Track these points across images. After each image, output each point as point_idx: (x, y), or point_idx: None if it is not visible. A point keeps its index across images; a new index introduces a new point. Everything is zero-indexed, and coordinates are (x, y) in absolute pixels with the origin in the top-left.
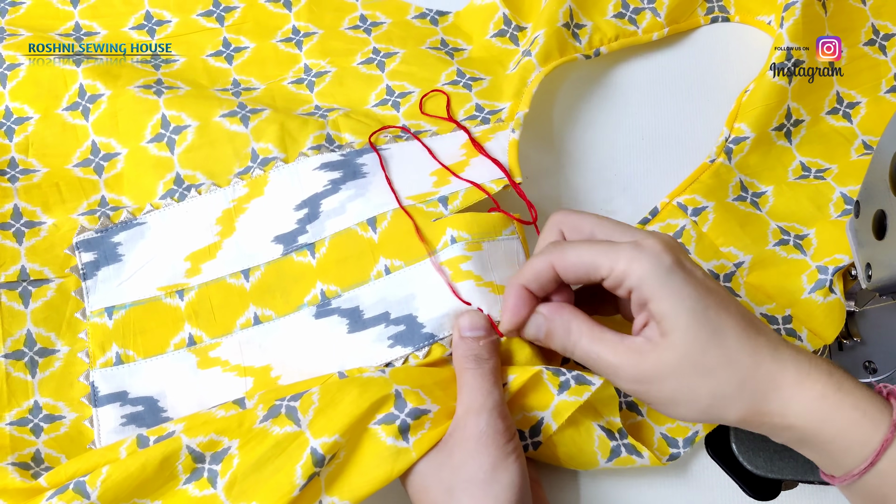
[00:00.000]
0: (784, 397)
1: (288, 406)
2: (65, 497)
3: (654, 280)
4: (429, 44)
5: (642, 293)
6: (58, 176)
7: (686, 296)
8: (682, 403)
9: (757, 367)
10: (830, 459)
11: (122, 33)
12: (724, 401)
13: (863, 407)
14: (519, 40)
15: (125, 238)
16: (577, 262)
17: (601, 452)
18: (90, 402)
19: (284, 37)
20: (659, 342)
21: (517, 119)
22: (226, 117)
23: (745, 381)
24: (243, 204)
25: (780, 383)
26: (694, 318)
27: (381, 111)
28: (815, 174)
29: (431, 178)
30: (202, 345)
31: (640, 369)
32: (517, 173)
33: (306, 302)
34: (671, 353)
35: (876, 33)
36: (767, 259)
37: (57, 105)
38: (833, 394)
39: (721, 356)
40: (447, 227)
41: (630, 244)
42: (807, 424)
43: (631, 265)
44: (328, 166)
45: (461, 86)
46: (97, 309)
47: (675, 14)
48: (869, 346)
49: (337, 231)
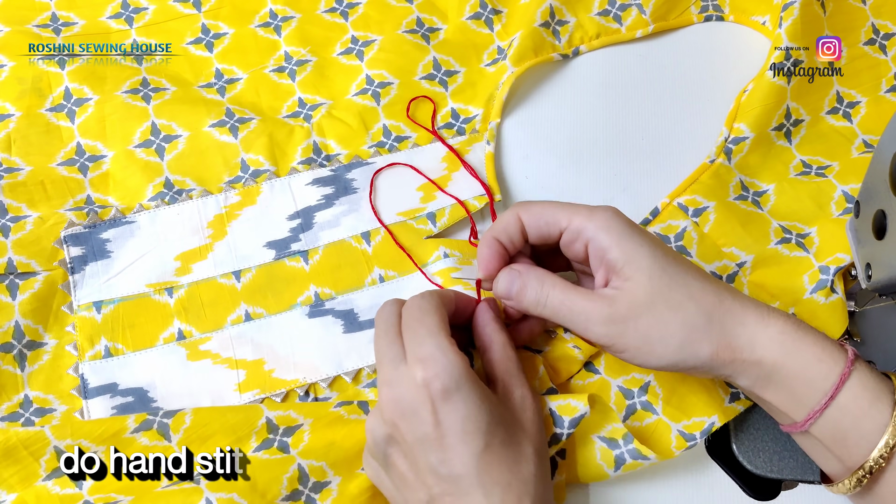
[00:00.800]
0: (749, 332)
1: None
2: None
3: (611, 230)
4: (405, 26)
5: (600, 243)
6: (42, 174)
7: (643, 243)
8: (657, 341)
9: (721, 303)
10: (794, 398)
11: (100, 23)
12: (696, 333)
13: (822, 344)
14: (494, 24)
15: (114, 235)
16: (540, 214)
17: (605, 464)
18: (80, 393)
19: (262, 21)
20: (625, 286)
21: (490, 130)
22: (215, 127)
23: (712, 314)
24: (235, 210)
25: (743, 319)
26: (654, 261)
27: (361, 101)
28: (817, 171)
29: (418, 193)
30: (192, 339)
31: (612, 311)
32: (496, 188)
33: (299, 302)
34: (640, 291)
35: (876, 32)
36: (770, 258)
37: (40, 105)
38: (794, 331)
39: (686, 294)
40: (440, 245)
41: (587, 206)
42: (773, 358)
43: (589, 218)
44: (320, 182)
45: (437, 82)
46: (85, 303)
47: (661, 11)
48: (869, 346)
49: (331, 241)
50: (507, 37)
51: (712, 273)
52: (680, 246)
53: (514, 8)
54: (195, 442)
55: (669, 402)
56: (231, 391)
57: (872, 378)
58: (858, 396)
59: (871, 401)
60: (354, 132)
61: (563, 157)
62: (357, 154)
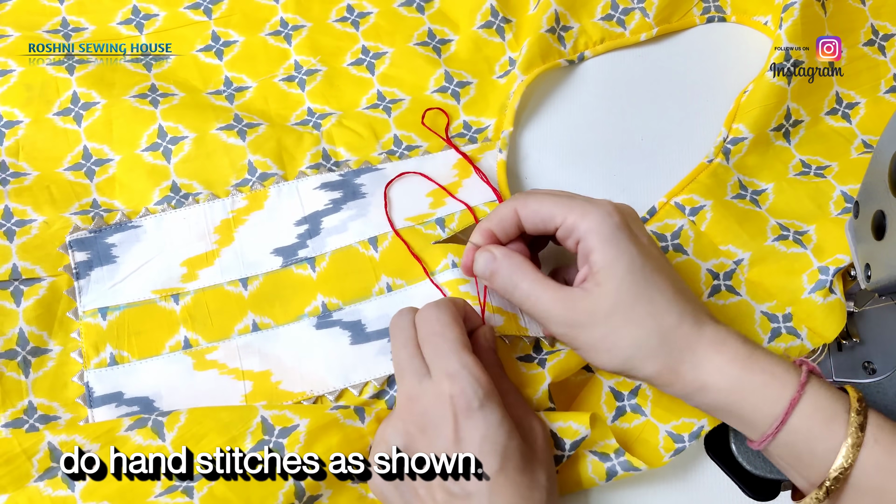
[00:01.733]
0: (697, 358)
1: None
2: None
3: (600, 233)
4: (416, 38)
5: (587, 244)
6: (49, 179)
7: (625, 251)
8: (604, 350)
9: (679, 325)
10: (746, 423)
11: (110, 29)
12: (644, 352)
13: (771, 370)
14: (505, 33)
15: (119, 240)
16: (537, 210)
17: (597, 476)
18: (85, 403)
19: (273, 30)
20: (593, 291)
21: (503, 139)
22: (222, 130)
23: (666, 336)
24: (242, 216)
25: (695, 346)
26: (629, 272)
27: (372, 113)
28: (816, 171)
29: (427, 198)
30: (198, 348)
31: (571, 314)
32: (507, 195)
33: (307, 313)
34: (603, 302)
35: (875, 34)
36: (767, 255)
37: (48, 110)
38: (744, 358)
39: (648, 312)
40: (448, 252)
41: (585, 199)
42: (718, 385)
43: (582, 218)
44: (328, 186)
45: (449, 94)
46: (90, 309)
47: (664, 14)
48: (868, 346)
49: (338, 248)
50: (518, 47)
51: (709, 271)
52: (677, 244)
53: (524, 18)
54: (189, 441)
55: (659, 403)
56: (238, 402)
57: (827, 398)
58: (811, 418)
59: (825, 422)
60: (365, 140)
61: (563, 157)
62: (367, 160)
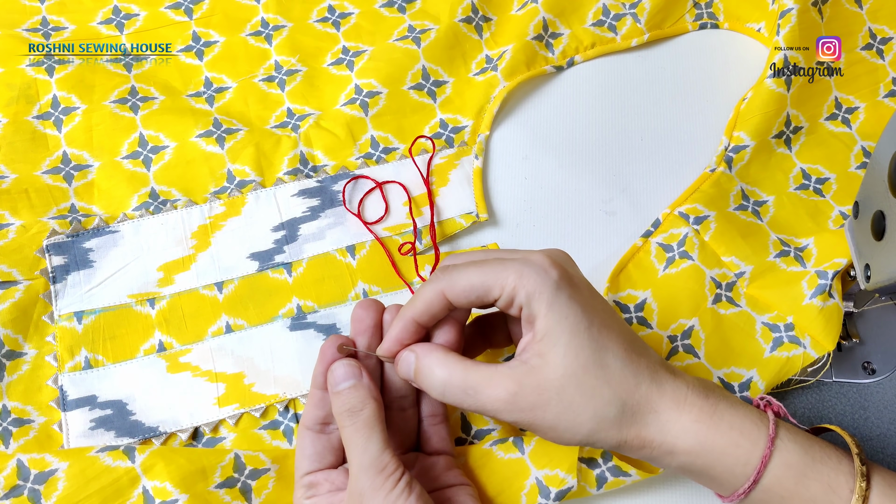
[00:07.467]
0: (661, 421)
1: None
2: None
3: (541, 296)
4: (396, 35)
5: (531, 310)
6: (27, 182)
7: (569, 313)
8: (563, 430)
9: (637, 388)
10: (715, 483)
11: (90, 28)
12: (606, 423)
13: (739, 426)
14: (483, 31)
15: (97, 244)
16: (468, 287)
17: (587, 484)
18: (59, 405)
19: (254, 30)
20: (536, 365)
21: (479, 143)
22: (202, 137)
23: (626, 402)
24: (220, 221)
25: (657, 407)
26: (574, 336)
27: (349, 111)
28: (815, 186)
29: (404, 208)
30: (172, 351)
31: (519, 398)
32: (482, 206)
33: (281, 314)
34: (550, 374)
35: (873, 37)
36: (768, 270)
37: (27, 112)
38: (708, 417)
39: (601, 379)
40: (426, 264)
41: (518, 260)
42: (687, 447)
43: (520, 281)
44: (305, 193)
45: (426, 92)
46: (66, 313)
47: (656, 20)
48: (868, 346)
49: (315, 254)
50: (496, 46)
51: (711, 280)
52: (682, 252)
53: (506, 17)
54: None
55: None
56: (210, 405)
57: (797, 453)
58: (782, 478)
59: (797, 479)
60: (342, 143)
61: (563, 157)
62: (344, 165)
